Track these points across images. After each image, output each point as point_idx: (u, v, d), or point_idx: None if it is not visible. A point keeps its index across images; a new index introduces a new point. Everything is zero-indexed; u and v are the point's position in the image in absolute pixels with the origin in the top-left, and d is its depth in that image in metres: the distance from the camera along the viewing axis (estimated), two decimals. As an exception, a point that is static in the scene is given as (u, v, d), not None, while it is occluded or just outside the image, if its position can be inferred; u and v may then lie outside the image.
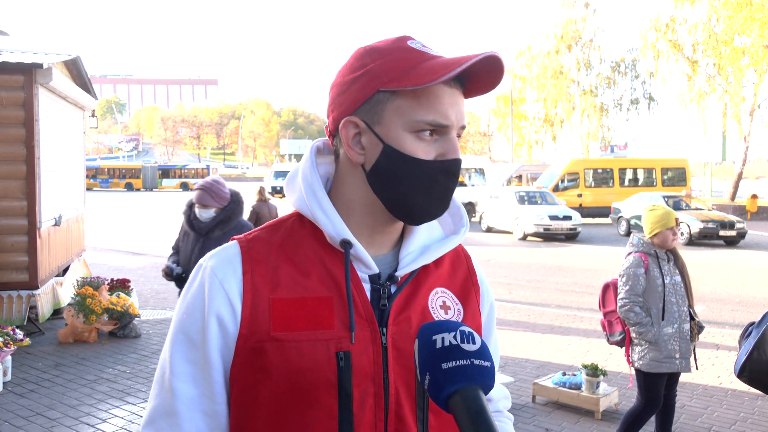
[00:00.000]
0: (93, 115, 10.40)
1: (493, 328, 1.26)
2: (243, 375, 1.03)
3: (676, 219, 3.91)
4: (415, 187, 1.03)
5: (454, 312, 1.13)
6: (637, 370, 3.90)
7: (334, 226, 1.06)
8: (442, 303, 1.13)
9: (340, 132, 1.07)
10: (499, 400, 1.27)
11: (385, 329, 1.05)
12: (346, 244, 1.05)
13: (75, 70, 8.98)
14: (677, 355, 3.79)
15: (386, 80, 1.02)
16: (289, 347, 1.00)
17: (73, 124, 8.76)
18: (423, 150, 1.02)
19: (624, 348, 3.99)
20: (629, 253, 3.95)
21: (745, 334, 3.28)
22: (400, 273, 1.09)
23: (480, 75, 1.04)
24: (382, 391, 1.03)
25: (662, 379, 3.86)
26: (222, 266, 1.05)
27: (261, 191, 9.58)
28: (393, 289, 1.08)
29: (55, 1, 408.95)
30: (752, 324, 3.31)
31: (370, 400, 1.03)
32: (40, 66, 6.60)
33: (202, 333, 1.03)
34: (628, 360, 3.94)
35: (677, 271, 3.93)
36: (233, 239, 1.11)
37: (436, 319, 1.09)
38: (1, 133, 6.58)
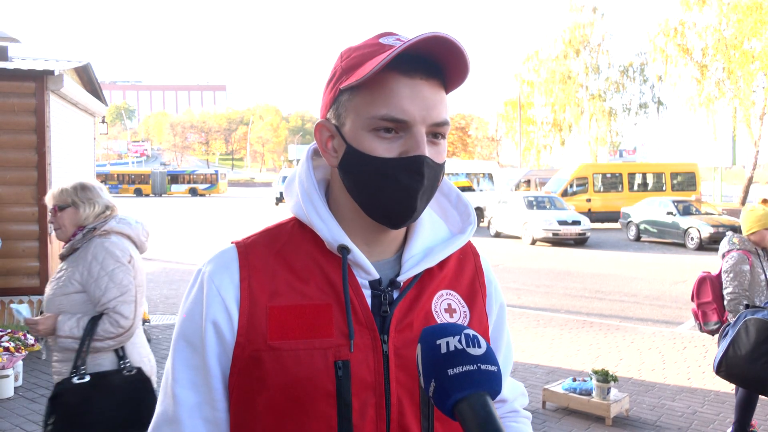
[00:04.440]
0: (103, 122, 10.49)
1: (504, 331, 1.20)
2: (241, 384, 1.00)
3: None
4: (378, 188, 0.97)
5: (460, 315, 1.08)
6: None
7: (330, 231, 1.02)
8: (447, 306, 1.07)
9: (315, 136, 1.05)
10: (515, 399, 1.22)
11: (386, 336, 1.00)
12: (344, 250, 1.01)
13: (85, 76, 9.06)
14: None
15: (344, 79, 0.98)
16: (285, 356, 0.97)
17: (83, 130, 8.83)
18: (384, 148, 0.96)
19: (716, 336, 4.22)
20: (729, 251, 4.16)
21: (723, 334, 3.46)
22: (402, 278, 1.04)
23: (448, 65, 0.97)
24: (384, 401, 0.99)
25: None
26: (219, 272, 1.02)
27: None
28: (395, 294, 1.04)
29: (66, 9, 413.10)
30: (728, 325, 3.48)
31: (371, 411, 0.98)
32: (52, 73, 6.65)
33: (201, 339, 1.01)
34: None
35: None
36: (232, 242, 1.08)
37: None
38: (12, 140, 6.64)
